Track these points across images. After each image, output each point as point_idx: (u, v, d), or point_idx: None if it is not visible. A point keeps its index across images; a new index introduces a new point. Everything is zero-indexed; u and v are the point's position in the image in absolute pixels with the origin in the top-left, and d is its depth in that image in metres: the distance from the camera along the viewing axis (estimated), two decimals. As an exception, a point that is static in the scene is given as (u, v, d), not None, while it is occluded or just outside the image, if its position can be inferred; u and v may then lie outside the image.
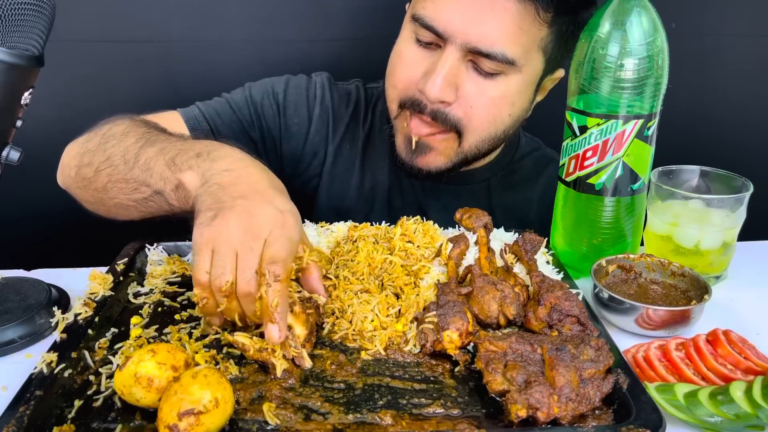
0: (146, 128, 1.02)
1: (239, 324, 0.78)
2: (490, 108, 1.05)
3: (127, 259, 0.97)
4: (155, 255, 1.02)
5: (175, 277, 0.97)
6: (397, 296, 0.90)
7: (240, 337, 0.76)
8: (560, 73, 1.13)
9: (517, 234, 1.02)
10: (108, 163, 0.97)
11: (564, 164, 1.00)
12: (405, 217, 1.01)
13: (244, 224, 0.76)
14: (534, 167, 1.30)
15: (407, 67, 1.06)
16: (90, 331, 0.80)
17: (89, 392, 0.72)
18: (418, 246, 0.96)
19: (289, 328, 0.78)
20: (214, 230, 0.76)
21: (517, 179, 1.29)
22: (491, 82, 1.03)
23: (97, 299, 0.86)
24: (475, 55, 1.00)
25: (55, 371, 0.71)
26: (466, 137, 1.08)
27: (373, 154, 1.26)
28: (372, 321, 0.84)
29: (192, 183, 0.85)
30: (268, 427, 0.67)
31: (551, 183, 1.27)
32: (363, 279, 0.92)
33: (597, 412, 0.69)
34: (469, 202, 1.11)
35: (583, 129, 0.95)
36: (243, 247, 0.75)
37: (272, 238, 0.76)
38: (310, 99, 1.25)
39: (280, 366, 0.74)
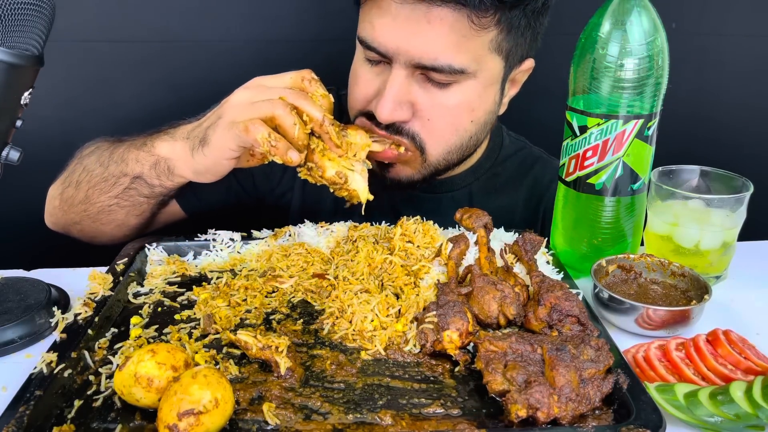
0: (116, 138, 1.12)
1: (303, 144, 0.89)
2: (448, 118, 1.04)
3: (127, 259, 0.97)
4: (155, 255, 1.02)
5: (175, 277, 0.97)
6: (397, 296, 0.90)
7: (243, 336, 0.77)
8: (530, 63, 1.10)
9: (517, 234, 1.02)
10: (86, 172, 1.07)
11: (564, 164, 1.00)
12: (405, 216, 1.01)
13: (254, 87, 0.95)
14: (518, 168, 1.27)
15: (361, 87, 1.06)
16: (90, 331, 0.80)
17: (89, 392, 0.72)
18: (418, 246, 0.96)
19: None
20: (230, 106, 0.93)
21: (500, 182, 1.26)
22: (445, 92, 1.01)
23: (97, 299, 0.86)
24: (423, 69, 0.98)
25: (55, 371, 0.71)
26: (429, 151, 1.06)
27: None
28: (372, 321, 0.84)
29: (168, 148, 0.99)
30: (268, 427, 0.67)
31: (537, 184, 1.25)
32: (363, 279, 0.92)
33: (597, 412, 0.69)
34: (450, 210, 1.10)
35: (583, 129, 0.95)
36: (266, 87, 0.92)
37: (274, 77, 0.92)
38: None
39: (283, 364, 0.74)
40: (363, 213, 1.22)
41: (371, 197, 0.86)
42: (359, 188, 0.86)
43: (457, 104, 1.02)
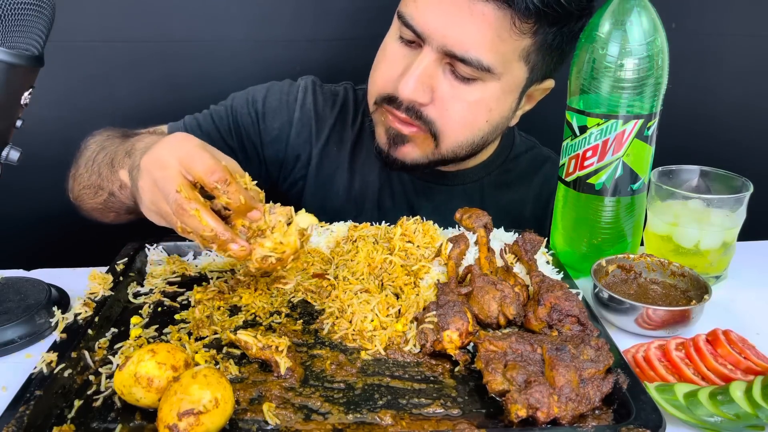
0: (110, 134, 1.10)
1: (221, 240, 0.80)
2: (465, 112, 1.05)
3: (127, 259, 0.97)
4: (155, 255, 1.02)
5: (175, 277, 0.97)
6: (397, 296, 0.90)
7: (243, 336, 0.77)
8: (550, 83, 1.12)
9: (517, 234, 1.02)
10: (78, 172, 1.08)
11: (564, 164, 1.00)
12: (405, 217, 1.01)
13: (152, 166, 0.82)
14: (529, 166, 1.30)
15: (388, 63, 1.07)
16: (90, 331, 0.80)
17: (89, 392, 0.72)
18: (418, 246, 0.96)
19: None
20: (142, 197, 0.83)
21: (511, 178, 1.28)
22: (467, 86, 1.02)
23: (96, 299, 0.86)
24: (452, 59, 1.00)
25: (55, 371, 0.71)
26: (443, 140, 1.07)
27: (363, 155, 1.26)
28: (372, 321, 0.84)
29: (126, 179, 0.94)
30: (268, 427, 0.67)
31: (547, 182, 1.27)
32: (363, 279, 0.92)
33: (597, 412, 0.69)
34: (461, 202, 1.11)
35: (583, 129, 0.95)
36: (158, 184, 0.80)
37: (186, 158, 0.79)
38: (290, 103, 1.25)
39: (283, 364, 0.74)
40: (376, 201, 1.23)
41: (314, 221, 0.84)
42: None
43: (476, 101, 1.04)
